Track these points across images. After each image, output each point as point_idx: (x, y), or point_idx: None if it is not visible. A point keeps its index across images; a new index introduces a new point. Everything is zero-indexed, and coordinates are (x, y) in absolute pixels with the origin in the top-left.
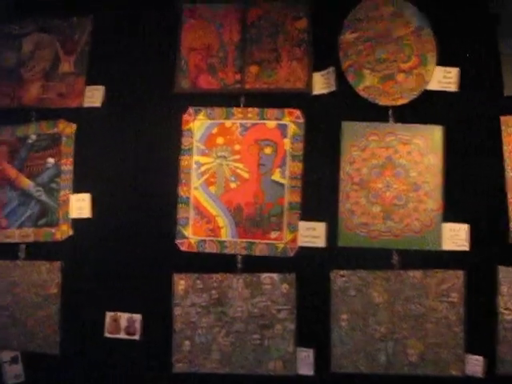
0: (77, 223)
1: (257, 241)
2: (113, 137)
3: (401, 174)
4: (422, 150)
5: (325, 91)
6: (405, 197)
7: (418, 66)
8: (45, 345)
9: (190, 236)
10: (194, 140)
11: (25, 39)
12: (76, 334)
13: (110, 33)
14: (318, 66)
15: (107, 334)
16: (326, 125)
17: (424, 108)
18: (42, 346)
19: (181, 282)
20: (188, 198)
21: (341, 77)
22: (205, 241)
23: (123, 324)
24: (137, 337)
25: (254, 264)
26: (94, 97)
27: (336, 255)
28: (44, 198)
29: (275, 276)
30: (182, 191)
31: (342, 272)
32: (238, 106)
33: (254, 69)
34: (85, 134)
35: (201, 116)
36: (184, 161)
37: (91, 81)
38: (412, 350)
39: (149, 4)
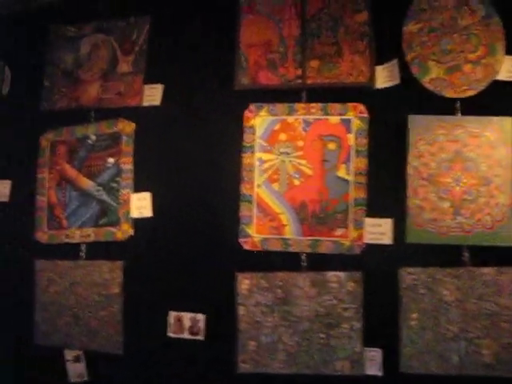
0: (138, 222)
1: (322, 238)
2: (172, 135)
3: (471, 167)
4: (493, 143)
5: (388, 84)
6: (475, 191)
7: (485, 56)
8: (108, 344)
9: (254, 234)
10: (256, 137)
11: (82, 41)
12: (139, 333)
13: (167, 31)
14: (380, 59)
15: (171, 334)
16: (391, 119)
17: (493, 99)
18: (105, 345)
19: (245, 281)
20: (251, 195)
21: (404, 69)
22: (268, 239)
23: (187, 324)
24: (201, 337)
25: (319, 262)
26: (153, 95)
27: (404, 252)
28: (105, 197)
29: (341, 274)
30: (244, 189)
31: (410, 269)
32: (299, 101)
33: (314, 63)
34: (144, 133)
35: (263, 112)
36: (246, 158)
37: (150, 80)
38: (486, 350)
39: (206, 1)
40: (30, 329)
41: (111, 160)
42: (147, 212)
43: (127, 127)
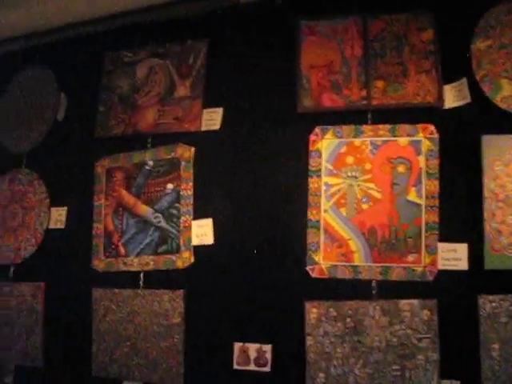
0: (199, 250)
1: (393, 265)
2: (233, 159)
3: None
4: None
5: (458, 104)
6: None
7: None
8: (168, 377)
9: (321, 261)
10: (323, 160)
11: (138, 65)
12: (201, 365)
13: (225, 54)
14: (448, 78)
15: (236, 366)
16: (462, 139)
17: None
18: (165, 377)
19: (313, 310)
20: (318, 221)
21: (474, 87)
22: (337, 266)
23: (252, 355)
24: (267, 368)
25: (391, 290)
26: (213, 119)
27: (482, 278)
28: (164, 224)
29: (415, 302)
30: (311, 214)
31: (490, 297)
32: (365, 123)
33: (379, 84)
34: (204, 158)
35: (328, 135)
36: (312, 183)
37: (208, 103)
38: None
39: (265, 23)
40: (88, 360)
41: (170, 186)
42: (208, 239)
43: (186, 152)
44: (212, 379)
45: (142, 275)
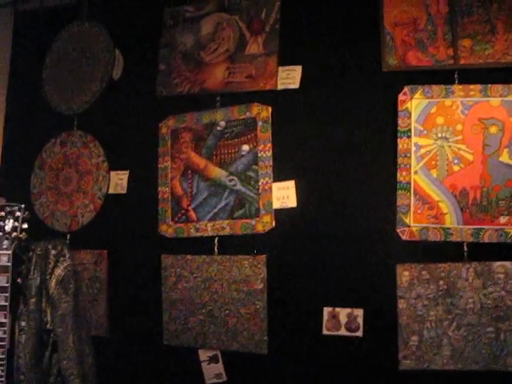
0: (280, 213)
1: (484, 227)
2: (315, 119)
3: None
4: None
5: None
6: None
7: None
8: (250, 344)
9: (412, 224)
10: (412, 121)
11: (203, 21)
12: (287, 332)
13: (302, 8)
14: None
15: (325, 332)
16: None
17: None
18: (247, 345)
19: (405, 273)
20: (408, 183)
21: None
22: (428, 228)
23: (343, 320)
24: (359, 333)
25: (482, 252)
26: (290, 78)
27: None
28: (240, 187)
29: (508, 264)
30: (400, 176)
31: None
32: (451, 83)
33: (466, 43)
34: (282, 118)
35: (417, 95)
36: (402, 144)
37: (284, 61)
38: None
39: None
40: (158, 329)
41: (246, 147)
42: (291, 202)
43: (263, 112)
44: (299, 345)
45: (216, 241)
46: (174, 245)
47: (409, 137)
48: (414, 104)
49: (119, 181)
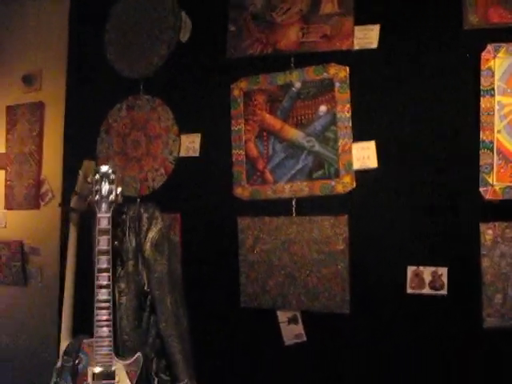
0: (360, 174)
1: None
2: (393, 79)
3: None
4: None
5: None
6: None
7: None
8: (331, 304)
9: (495, 183)
10: (495, 79)
11: None
12: (370, 291)
13: None
14: None
15: (409, 290)
16: None
17: None
18: (328, 305)
19: (488, 232)
20: (491, 142)
21: None
22: (511, 187)
23: (427, 278)
24: (444, 291)
25: None
26: (367, 38)
27: None
28: (318, 148)
29: None
30: (483, 135)
31: None
32: None
33: None
34: (360, 78)
35: (501, 53)
36: (485, 102)
37: (360, 21)
38: None
39: None
40: (236, 291)
41: (323, 108)
42: (372, 162)
43: (341, 72)
44: (382, 304)
45: (294, 202)
46: (249, 207)
47: (492, 95)
48: (498, 63)
49: (190, 144)
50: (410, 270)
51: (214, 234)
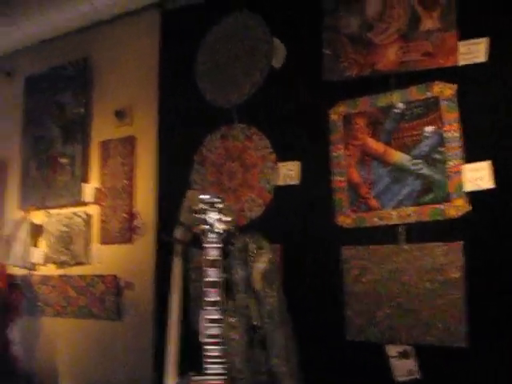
0: (476, 196)
1: None
2: (507, 93)
3: None
4: None
5: None
6: None
7: None
8: (446, 337)
9: None
10: None
11: (367, 1)
12: (490, 323)
13: None
14: None
15: None
16: None
17: None
18: (443, 338)
19: None
20: None
21: None
22: None
23: None
24: None
25: None
26: (473, 52)
27: None
28: (425, 171)
29: None
30: None
31: None
32: None
33: None
34: (467, 95)
35: None
36: None
37: (464, 35)
38: None
39: None
40: (341, 324)
41: (429, 129)
42: (486, 184)
43: (446, 90)
44: (503, 338)
45: (401, 229)
46: (353, 236)
47: None
48: None
49: (289, 172)
50: None
51: (317, 264)
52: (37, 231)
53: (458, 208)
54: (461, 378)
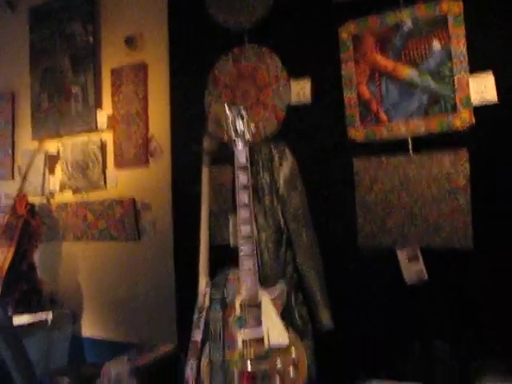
0: (480, 109)
1: None
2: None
3: None
4: None
5: None
6: None
7: None
8: (453, 239)
9: None
10: None
11: None
12: (494, 227)
13: None
14: None
15: None
16: None
17: None
18: (450, 240)
19: None
20: None
21: None
22: None
23: None
24: None
25: None
26: None
27: None
28: (433, 85)
29: None
30: None
31: None
32: None
33: None
34: (474, 11)
35: None
36: None
37: None
38: None
39: None
40: (352, 231)
41: (437, 44)
42: (490, 95)
43: (454, 7)
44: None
45: (410, 140)
46: (364, 149)
47: None
48: None
49: (301, 90)
50: None
51: (330, 177)
52: (52, 160)
53: (463, 119)
54: (465, 279)
